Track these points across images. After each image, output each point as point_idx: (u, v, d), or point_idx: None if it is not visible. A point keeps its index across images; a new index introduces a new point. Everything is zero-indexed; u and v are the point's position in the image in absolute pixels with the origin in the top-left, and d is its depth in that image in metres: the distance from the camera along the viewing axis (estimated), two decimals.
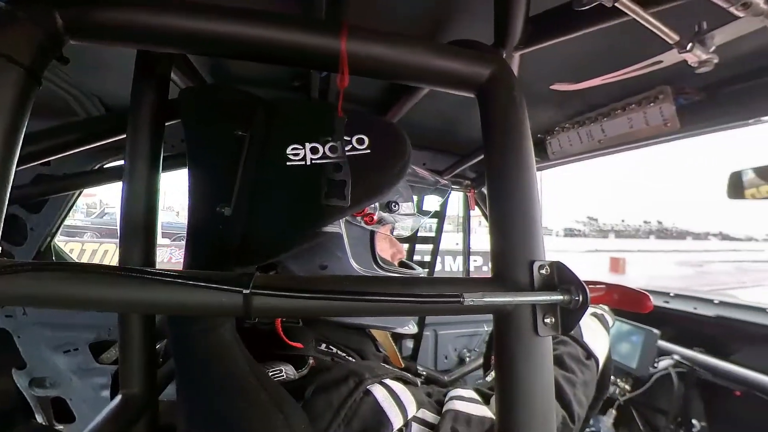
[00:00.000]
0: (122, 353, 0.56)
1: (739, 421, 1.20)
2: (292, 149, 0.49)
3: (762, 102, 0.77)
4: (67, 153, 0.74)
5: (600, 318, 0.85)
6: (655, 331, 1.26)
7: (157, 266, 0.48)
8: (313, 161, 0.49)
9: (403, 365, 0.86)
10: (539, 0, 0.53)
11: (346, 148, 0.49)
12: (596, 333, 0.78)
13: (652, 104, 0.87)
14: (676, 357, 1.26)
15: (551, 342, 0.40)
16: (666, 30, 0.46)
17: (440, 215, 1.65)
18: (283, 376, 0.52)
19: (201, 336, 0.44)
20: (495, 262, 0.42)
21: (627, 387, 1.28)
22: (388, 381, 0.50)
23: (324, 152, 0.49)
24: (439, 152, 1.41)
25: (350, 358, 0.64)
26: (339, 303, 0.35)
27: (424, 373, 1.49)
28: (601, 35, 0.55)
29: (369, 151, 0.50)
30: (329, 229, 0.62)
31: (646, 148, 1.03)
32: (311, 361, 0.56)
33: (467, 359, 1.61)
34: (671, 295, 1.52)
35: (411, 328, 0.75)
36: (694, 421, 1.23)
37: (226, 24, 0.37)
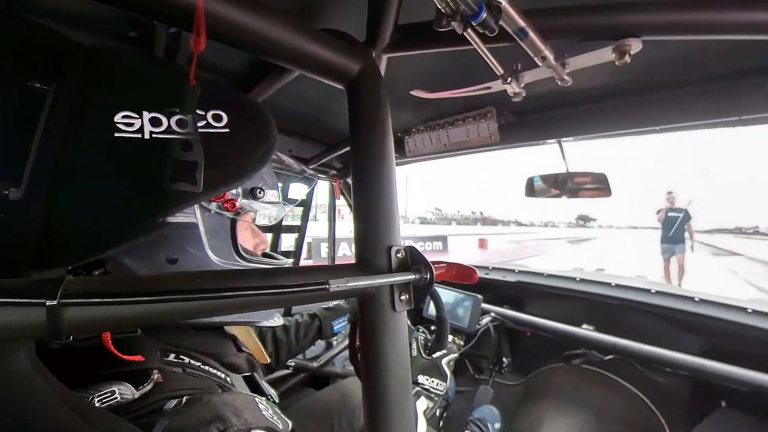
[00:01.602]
0: None
1: (529, 353, 1.72)
2: (124, 117, 0.39)
3: (548, 129, 1.09)
4: None
5: None
6: (479, 296, 1.62)
7: None
8: (153, 135, 0.39)
9: (268, 360, 0.83)
10: (409, 11, 0.58)
11: (200, 124, 0.42)
12: None
13: (482, 120, 1.09)
14: (493, 314, 1.65)
15: (406, 315, 0.46)
16: (496, 64, 0.59)
17: (306, 204, 1.64)
18: (116, 398, 0.42)
19: None
20: (358, 248, 0.45)
21: (461, 342, 1.60)
22: None
23: (169, 125, 0.40)
24: (306, 140, 1.38)
25: (207, 367, 0.57)
26: (190, 304, 0.30)
27: (293, 364, 1.48)
28: (454, 57, 0.64)
29: (228, 130, 0.44)
30: (180, 218, 0.53)
31: (477, 154, 1.29)
32: (156, 375, 0.47)
33: (334, 342, 1.68)
34: (490, 268, 1.97)
35: (277, 320, 0.72)
36: (504, 359, 1.68)
37: None
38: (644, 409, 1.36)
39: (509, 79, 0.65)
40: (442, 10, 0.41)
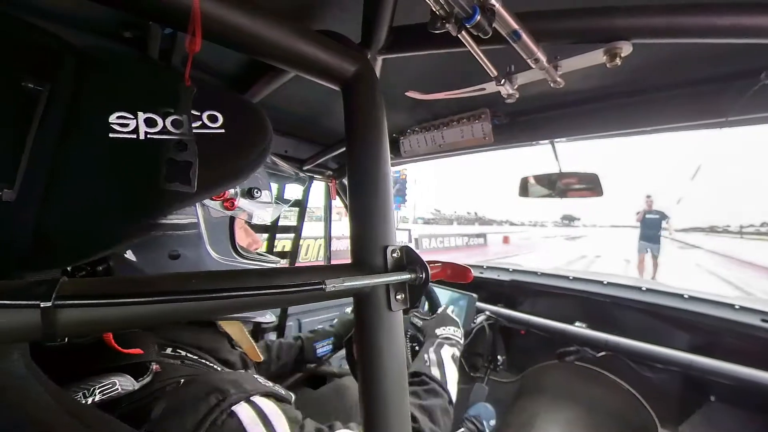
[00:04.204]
0: None
1: (524, 351, 1.74)
2: (119, 118, 0.39)
3: (542, 130, 1.10)
4: None
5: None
6: (474, 295, 1.63)
7: None
8: (148, 135, 0.40)
9: (261, 358, 0.83)
10: (404, 13, 0.58)
11: (195, 125, 0.42)
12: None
13: (477, 121, 1.10)
14: (487, 313, 1.66)
15: (402, 315, 0.46)
16: (490, 65, 0.60)
17: (302, 204, 1.64)
18: (117, 389, 0.42)
19: None
20: (354, 248, 0.45)
21: None
22: (256, 399, 0.44)
23: (164, 126, 0.40)
24: (302, 140, 1.39)
25: (204, 360, 0.57)
26: (187, 305, 0.30)
27: None
28: (448, 58, 0.65)
29: (223, 130, 0.44)
30: (181, 217, 0.54)
31: (471, 155, 1.30)
32: (155, 366, 0.47)
33: None
34: (485, 267, 1.99)
35: (269, 317, 0.74)
36: (498, 357, 1.69)
37: None
38: (636, 404, 1.38)
39: (503, 80, 0.66)
40: (437, 12, 0.41)
